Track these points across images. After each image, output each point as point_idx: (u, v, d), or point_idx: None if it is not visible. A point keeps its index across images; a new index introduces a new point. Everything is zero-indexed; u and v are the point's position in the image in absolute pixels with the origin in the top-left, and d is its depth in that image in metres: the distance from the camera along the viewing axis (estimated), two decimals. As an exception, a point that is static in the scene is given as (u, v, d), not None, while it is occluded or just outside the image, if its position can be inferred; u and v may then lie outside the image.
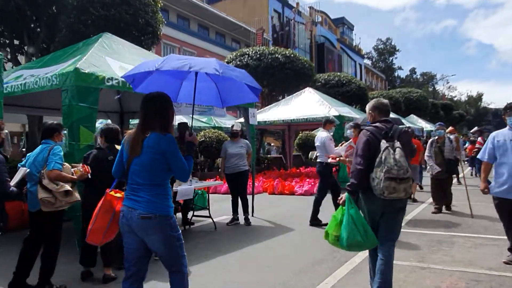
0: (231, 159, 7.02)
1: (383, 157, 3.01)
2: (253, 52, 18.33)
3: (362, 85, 23.79)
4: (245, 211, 7.09)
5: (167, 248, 2.54)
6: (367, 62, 60.17)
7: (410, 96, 30.54)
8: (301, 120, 13.14)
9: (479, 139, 12.24)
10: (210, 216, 6.79)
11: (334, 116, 11.38)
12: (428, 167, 7.92)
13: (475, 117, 60.31)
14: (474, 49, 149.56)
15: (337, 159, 6.10)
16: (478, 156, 4.88)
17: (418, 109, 29.45)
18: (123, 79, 4.95)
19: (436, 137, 7.88)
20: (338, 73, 23.35)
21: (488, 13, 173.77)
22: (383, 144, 3.07)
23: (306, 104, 13.56)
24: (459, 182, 10.92)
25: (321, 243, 4.90)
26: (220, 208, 8.41)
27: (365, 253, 4.25)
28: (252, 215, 7.56)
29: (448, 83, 66.84)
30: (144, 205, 2.48)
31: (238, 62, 17.91)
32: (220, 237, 6.18)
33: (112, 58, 6.03)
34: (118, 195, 2.77)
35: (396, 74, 66.06)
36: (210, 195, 7.61)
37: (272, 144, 26.16)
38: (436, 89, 61.83)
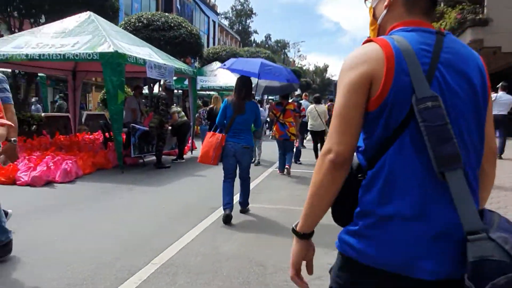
0: None
1: None
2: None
3: (195, 31, 17.29)
4: None
5: (248, 164, 4.93)
6: (225, 22, 57.02)
7: (258, 56, 28.16)
8: (54, 57, 7.63)
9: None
10: None
11: (108, 52, 7.20)
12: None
13: (320, 87, 63.64)
14: (328, 24, 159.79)
15: None
16: None
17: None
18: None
19: None
20: (167, 14, 18.29)
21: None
22: None
23: (75, 33, 8.31)
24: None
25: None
26: None
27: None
28: None
29: (299, 52, 68.33)
30: (245, 141, 4.75)
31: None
32: None
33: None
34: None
35: (252, 38, 64.56)
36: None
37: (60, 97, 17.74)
38: (288, 56, 62.78)
